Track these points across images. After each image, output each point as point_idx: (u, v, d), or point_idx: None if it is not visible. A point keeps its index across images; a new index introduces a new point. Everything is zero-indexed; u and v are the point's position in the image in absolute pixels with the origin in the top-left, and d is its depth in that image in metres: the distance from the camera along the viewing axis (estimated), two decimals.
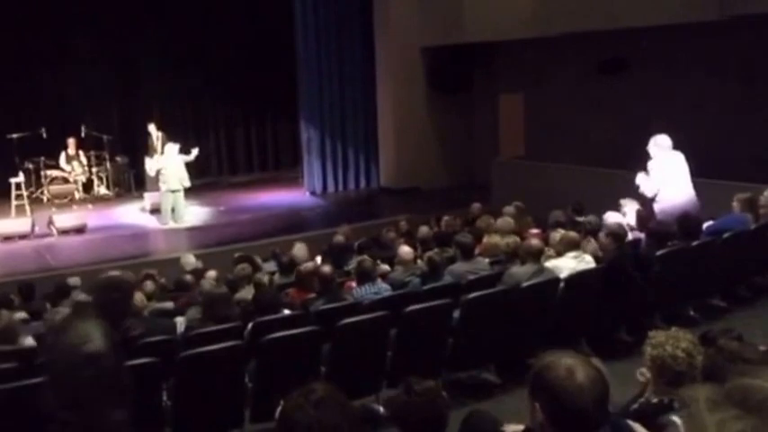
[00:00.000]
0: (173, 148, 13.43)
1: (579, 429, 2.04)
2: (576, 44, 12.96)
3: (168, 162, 13.23)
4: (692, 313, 6.68)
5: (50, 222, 13.01)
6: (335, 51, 16.31)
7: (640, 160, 8.74)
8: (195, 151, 13.70)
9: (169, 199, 13.19)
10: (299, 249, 9.04)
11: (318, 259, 8.73)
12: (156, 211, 13.74)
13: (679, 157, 8.26)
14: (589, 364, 2.08)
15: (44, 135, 14.34)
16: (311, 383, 2.20)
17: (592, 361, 2.12)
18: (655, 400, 2.98)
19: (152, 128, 14.53)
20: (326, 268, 6.27)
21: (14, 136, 14.20)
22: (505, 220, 8.69)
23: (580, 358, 2.10)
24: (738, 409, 1.08)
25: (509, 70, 15.52)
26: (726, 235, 6.87)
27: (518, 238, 6.96)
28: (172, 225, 13.23)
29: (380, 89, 16.43)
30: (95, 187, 15.58)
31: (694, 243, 6.70)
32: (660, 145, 8.16)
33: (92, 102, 16.19)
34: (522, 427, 3.20)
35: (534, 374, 2.13)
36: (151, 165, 13.84)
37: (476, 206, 10.94)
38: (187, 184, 13.40)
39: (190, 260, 9.34)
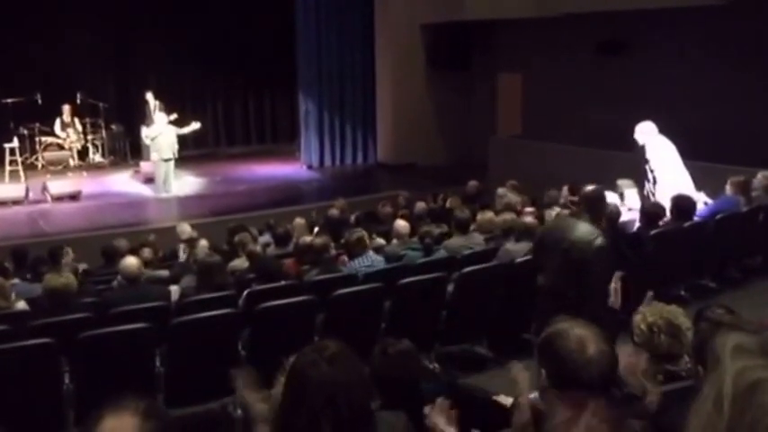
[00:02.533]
0: (162, 117, 13.39)
1: (582, 400, 2.03)
2: (576, 25, 12.91)
3: (160, 131, 13.18)
4: (682, 293, 6.73)
5: (45, 188, 12.98)
6: (335, 25, 16.22)
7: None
8: (195, 125, 13.67)
9: (162, 168, 13.16)
10: (299, 224, 9.06)
11: (315, 230, 8.75)
12: (150, 180, 13.71)
13: (668, 142, 8.24)
14: (600, 338, 2.06)
15: (39, 101, 14.24)
16: (323, 340, 2.19)
17: (602, 335, 2.10)
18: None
19: (149, 96, 14.46)
20: (320, 239, 6.29)
21: (9, 101, 14.12)
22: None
23: (592, 330, 2.08)
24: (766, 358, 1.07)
25: (508, 49, 15.46)
26: (718, 216, 6.91)
27: (514, 215, 6.97)
28: (164, 195, 13.21)
29: (379, 65, 16.36)
30: (90, 155, 15.50)
31: (687, 224, 6.73)
32: (648, 132, 8.06)
33: (88, 69, 16.08)
34: (511, 399, 3.23)
35: (544, 340, 2.12)
36: (147, 133, 13.80)
37: (472, 184, 10.94)
38: (176, 154, 13.39)
39: (185, 229, 9.33)
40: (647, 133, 8.04)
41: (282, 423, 2.14)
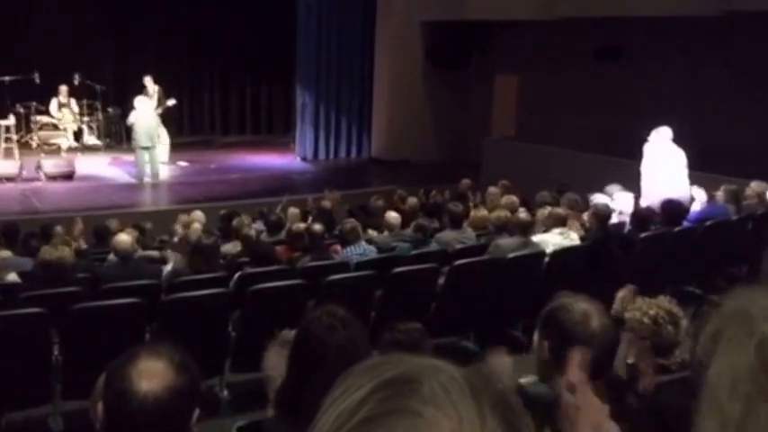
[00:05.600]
0: (144, 102, 13.28)
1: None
2: (575, 29, 12.98)
3: (138, 118, 13.02)
4: (668, 298, 6.78)
5: (38, 167, 12.93)
6: (336, 18, 16.22)
7: (630, 148, 8.86)
8: (170, 102, 13.70)
9: (143, 155, 13.00)
10: (293, 213, 9.10)
11: (309, 219, 8.79)
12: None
13: (678, 152, 8.37)
14: (604, 313, 2.11)
15: (37, 80, 14.20)
16: (328, 306, 2.19)
17: (606, 311, 2.15)
18: (630, 362, 3.06)
19: (148, 80, 14.40)
20: (318, 226, 6.34)
21: (7, 78, 14.07)
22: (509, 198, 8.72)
23: (596, 305, 2.12)
24: None
25: (507, 51, 15.52)
26: (708, 223, 6.99)
27: (508, 213, 7.03)
28: (147, 181, 13.10)
29: (378, 60, 16.39)
30: (85, 137, 15.46)
31: (677, 229, 6.81)
32: (660, 133, 8.28)
33: (87, 50, 16.02)
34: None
35: (548, 312, 2.14)
36: (130, 117, 13.66)
37: (465, 182, 11.05)
38: (157, 141, 13.24)
39: (200, 218, 9.24)
40: (659, 133, 8.28)
41: (291, 388, 2.15)
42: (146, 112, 13.16)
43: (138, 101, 13.32)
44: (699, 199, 7.92)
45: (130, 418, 1.60)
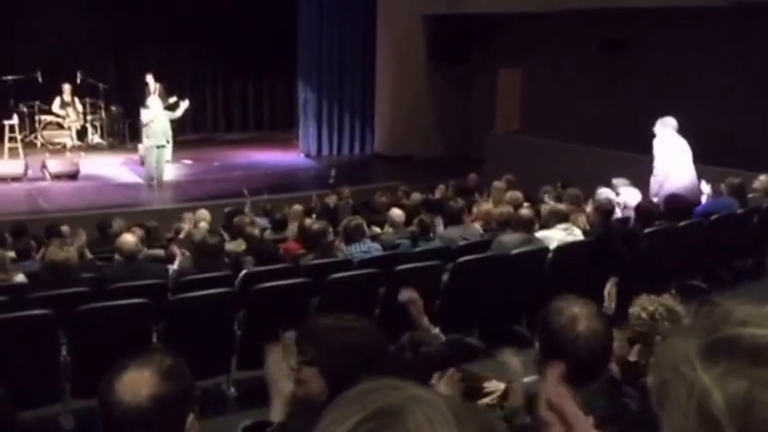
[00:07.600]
0: (156, 102, 13.29)
1: (569, 376, 2.09)
2: (578, 22, 12.94)
3: (155, 116, 13.01)
4: (672, 293, 6.79)
5: (44, 166, 12.99)
6: (337, 14, 16.22)
7: (635, 141, 8.84)
8: (184, 105, 13.66)
9: (153, 155, 12.99)
10: (296, 210, 9.12)
11: (314, 216, 8.81)
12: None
13: (683, 142, 8.38)
14: (595, 318, 2.14)
15: (39, 79, 14.23)
16: (336, 313, 2.21)
17: (599, 315, 2.18)
18: (632, 359, 3.08)
19: (150, 78, 14.44)
20: (318, 224, 6.35)
21: (9, 78, 14.10)
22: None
23: (589, 309, 2.16)
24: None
25: (509, 45, 15.49)
26: (713, 217, 6.98)
27: (511, 208, 7.03)
28: (154, 182, 13.08)
29: (380, 55, 16.38)
30: (89, 135, 15.50)
31: (681, 223, 6.81)
32: (666, 124, 8.30)
33: (89, 48, 16.05)
34: (503, 385, 3.29)
35: (543, 313, 2.20)
36: (146, 116, 13.73)
37: (472, 177, 11.09)
38: (170, 139, 13.34)
39: (206, 216, 9.26)
40: (665, 125, 8.33)
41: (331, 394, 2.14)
42: (160, 111, 13.16)
43: (152, 100, 13.35)
44: (706, 192, 7.92)
45: (117, 428, 1.64)
